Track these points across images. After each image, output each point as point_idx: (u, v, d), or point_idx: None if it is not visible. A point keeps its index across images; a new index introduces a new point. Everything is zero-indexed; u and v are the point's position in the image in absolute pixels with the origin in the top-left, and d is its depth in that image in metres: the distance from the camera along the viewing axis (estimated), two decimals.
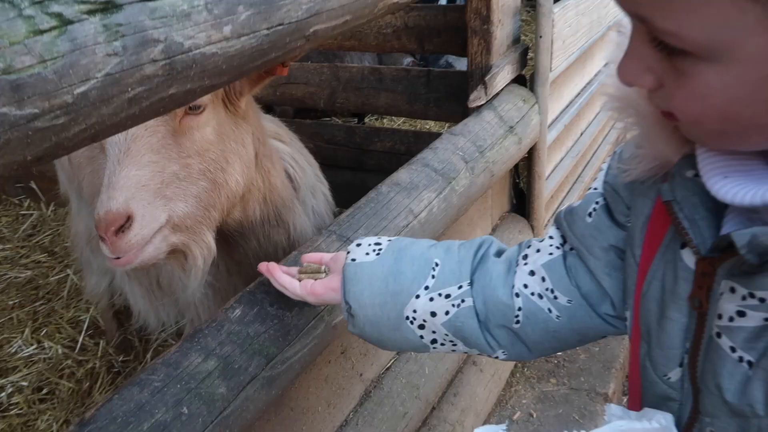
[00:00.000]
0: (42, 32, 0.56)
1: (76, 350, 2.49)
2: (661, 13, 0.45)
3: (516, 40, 1.98)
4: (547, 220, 2.38)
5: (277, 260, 1.43)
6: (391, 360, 1.54)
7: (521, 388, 2.15)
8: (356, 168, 2.65)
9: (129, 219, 0.94)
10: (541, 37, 1.86)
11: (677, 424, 0.62)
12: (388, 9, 1.13)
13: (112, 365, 2.43)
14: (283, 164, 1.37)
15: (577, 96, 2.51)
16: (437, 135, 2.22)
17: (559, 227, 0.83)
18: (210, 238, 1.11)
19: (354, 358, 1.39)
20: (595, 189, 0.78)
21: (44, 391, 2.34)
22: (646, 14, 0.46)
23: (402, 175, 1.40)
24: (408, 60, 3.99)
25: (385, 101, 2.40)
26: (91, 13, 0.60)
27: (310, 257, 0.97)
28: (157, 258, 1.03)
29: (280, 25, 0.84)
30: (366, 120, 4.12)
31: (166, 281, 1.71)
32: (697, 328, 0.58)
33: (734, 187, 0.51)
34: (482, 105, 1.77)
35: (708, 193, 0.54)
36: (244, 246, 1.29)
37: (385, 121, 4.19)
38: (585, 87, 2.61)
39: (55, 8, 0.58)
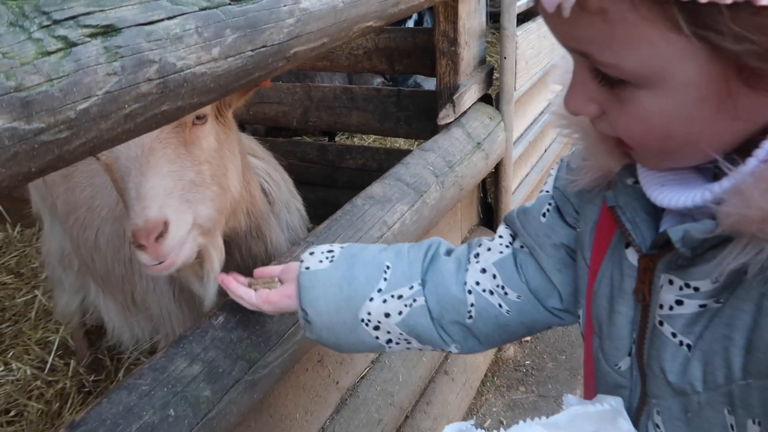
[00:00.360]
0: (49, 53, 0.61)
1: (46, 371, 2.46)
2: (600, 48, 0.50)
3: (482, 61, 2.08)
4: None
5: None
6: (366, 368, 1.58)
7: (491, 397, 2.21)
8: (329, 185, 2.70)
9: (165, 225, 0.99)
10: (505, 58, 1.96)
11: (628, 410, 0.68)
12: (362, 32, 1.20)
13: (83, 385, 2.40)
14: (258, 179, 1.42)
15: (540, 114, 2.62)
16: (407, 152, 2.30)
17: (509, 226, 0.89)
18: (221, 242, 1.16)
19: (330, 366, 1.44)
20: (547, 192, 0.85)
21: (12, 413, 2.31)
22: (586, 50, 0.52)
23: (376, 188, 1.46)
24: (378, 80, 4.08)
25: (356, 120, 2.47)
26: (93, 36, 0.65)
27: (261, 272, 1.01)
28: (191, 259, 1.07)
29: (263, 47, 0.90)
30: (336, 138, 4.19)
31: (141, 297, 1.73)
32: (642, 319, 0.64)
33: (669, 193, 0.58)
34: (451, 122, 1.85)
35: (647, 198, 0.61)
36: (227, 259, 1.33)
37: (355, 139, 4.27)
38: (548, 105, 2.73)
39: (61, 32, 0.63)
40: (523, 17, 2.12)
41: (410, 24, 3.73)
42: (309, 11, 0.98)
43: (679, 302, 0.59)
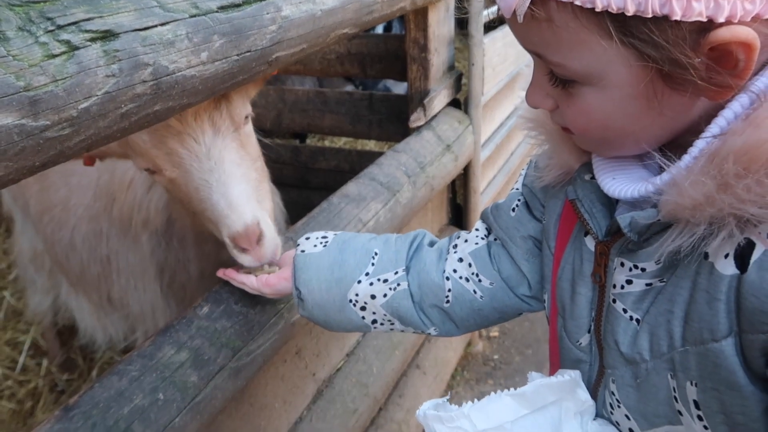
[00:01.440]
0: (54, 56, 0.66)
1: (17, 371, 2.45)
2: (549, 50, 0.59)
3: (451, 67, 2.16)
4: None
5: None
6: (341, 361, 1.64)
7: (461, 390, 2.29)
8: (302, 186, 2.75)
9: (259, 227, 1.04)
10: (473, 64, 2.04)
11: (588, 381, 0.76)
12: (339, 38, 1.27)
13: (56, 384, 2.40)
14: None
15: (507, 118, 2.72)
16: (379, 154, 2.37)
17: (485, 221, 0.97)
18: None
19: (308, 358, 1.49)
20: (517, 189, 0.93)
21: None
22: (539, 51, 0.61)
23: (351, 188, 1.52)
24: (349, 87, 4.15)
25: (329, 122, 2.52)
26: (93, 40, 0.70)
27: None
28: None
29: (248, 51, 0.95)
30: (308, 141, 4.23)
31: (118, 296, 1.75)
32: (599, 298, 0.72)
33: (619, 185, 0.66)
34: (422, 125, 1.92)
35: (602, 191, 0.69)
36: (214, 247, 1.37)
37: (327, 141, 4.32)
38: (514, 110, 2.83)
39: (65, 36, 0.67)
40: (490, 26, 2.21)
41: (379, 30, 3.81)
42: (290, 18, 1.04)
43: (629, 282, 0.67)
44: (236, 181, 1.04)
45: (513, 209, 0.91)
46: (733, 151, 0.53)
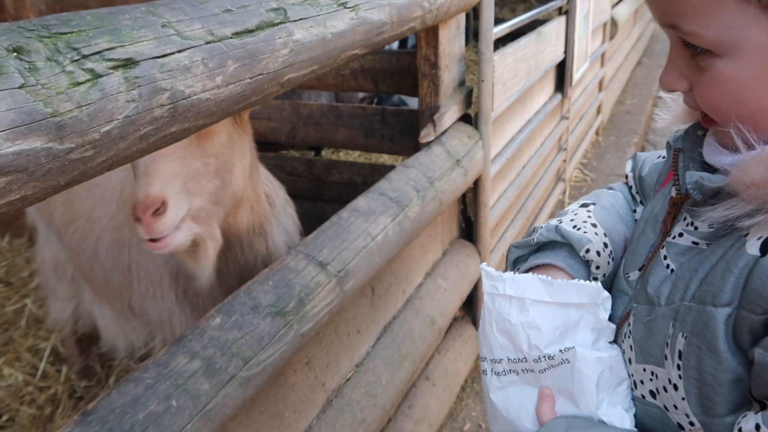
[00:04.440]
0: (79, 84, 0.71)
1: (37, 377, 2.51)
2: (684, 18, 0.59)
3: (462, 83, 2.20)
4: (493, 246, 2.58)
5: (256, 268, 1.57)
6: (351, 371, 1.68)
7: (471, 402, 2.31)
8: (315, 198, 2.80)
9: (163, 204, 1.06)
10: (483, 81, 2.08)
11: (622, 312, 0.80)
12: (349, 59, 1.32)
13: (74, 391, 2.47)
14: (262, 183, 1.52)
15: (518, 132, 2.75)
16: (391, 167, 2.41)
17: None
18: (218, 232, 1.25)
19: (318, 368, 1.53)
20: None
21: (5, 418, 2.36)
22: (674, 21, 0.61)
23: (360, 202, 1.57)
24: (361, 94, 4.22)
25: (342, 136, 2.58)
26: (115, 68, 0.75)
27: None
28: (185, 245, 1.16)
29: (260, 75, 1.00)
30: (323, 153, 4.29)
31: (139, 303, 1.81)
32: (658, 243, 0.76)
33: (713, 150, 0.69)
34: (432, 141, 1.96)
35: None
36: (227, 253, 1.41)
37: (341, 154, 4.38)
38: (525, 125, 2.86)
39: (89, 65, 0.73)
40: (505, 39, 2.25)
41: (395, 45, 3.88)
42: (301, 42, 1.09)
43: (680, 234, 0.72)
44: (166, 157, 1.07)
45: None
46: None
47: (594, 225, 0.89)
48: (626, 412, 0.76)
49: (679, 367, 0.66)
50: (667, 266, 0.72)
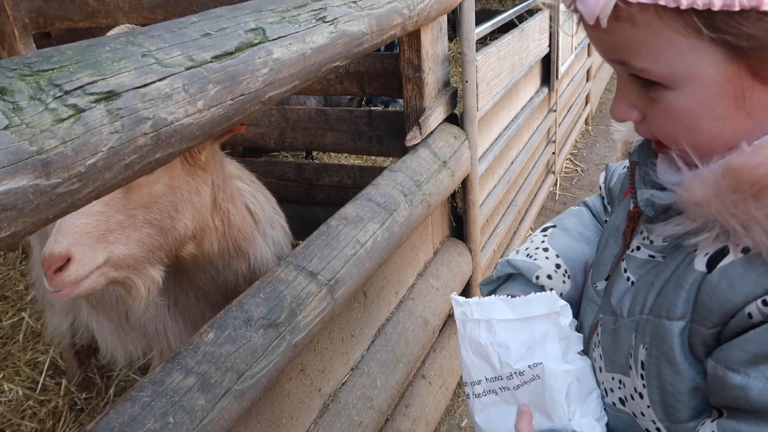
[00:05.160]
0: (63, 120, 0.73)
1: (37, 391, 2.54)
2: (633, 54, 0.59)
3: (446, 83, 2.22)
4: (484, 243, 2.61)
5: (239, 285, 1.59)
6: (346, 375, 1.70)
7: None
8: (306, 202, 2.82)
9: (68, 260, 1.11)
10: (467, 81, 2.10)
11: (593, 321, 0.84)
12: (330, 71, 1.33)
13: (75, 403, 2.49)
14: (245, 201, 1.54)
15: (505, 129, 2.77)
16: (381, 169, 2.43)
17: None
18: (154, 273, 1.28)
19: (312, 375, 1.56)
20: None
21: (6, 429, 2.39)
22: (623, 58, 0.61)
23: (349, 209, 1.59)
24: (348, 96, 4.23)
25: (331, 139, 2.59)
26: (97, 101, 0.77)
27: None
28: (94, 289, 1.21)
29: (241, 95, 1.02)
30: (315, 154, 4.31)
31: (135, 316, 1.83)
32: (619, 255, 0.80)
33: (664, 168, 0.70)
34: (418, 143, 1.99)
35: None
36: (201, 275, 1.45)
37: (332, 155, 4.39)
38: (512, 120, 2.88)
39: (71, 101, 0.75)
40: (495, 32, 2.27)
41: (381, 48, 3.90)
42: (281, 60, 1.11)
43: (638, 248, 0.75)
44: (82, 213, 1.10)
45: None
46: (731, 166, 0.58)
47: (546, 249, 0.97)
48: (597, 422, 0.79)
49: (642, 377, 0.69)
50: (628, 278, 0.75)
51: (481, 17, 2.38)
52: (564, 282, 0.93)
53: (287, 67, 1.13)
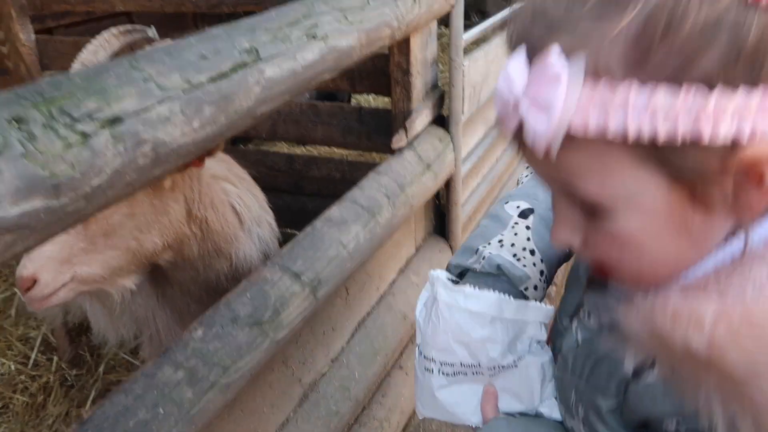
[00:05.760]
0: (72, 146, 0.80)
1: (29, 366, 2.62)
2: (579, 180, 0.58)
3: (435, 86, 2.29)
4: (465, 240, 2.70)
5: (220, 282, 1.68)
6: (326, 366, 1.80)
7: None
8: (296, 192, 2.90)
9: (35, 282, 1.29)
10: (453, 86, 2.18)
11: (571, 345, 0.85)
12: (319, 83, 1.41)
13: (66, 379, 2.58)
14: (231, 202, 1.62)
15: (491, 129, 2.85)
16: (368, 164, 2.51)
17: None
18: (125, 282, 1.42)
19: (294, 366, 1.65)
20: None
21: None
22: (568, 182, 0.59)
23: (334, 211, 1.67)
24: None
25: (321, 133, 2.66)
26: (103, 127, 0.85)
27: None
28: (66, 300, 1.37)
29: (234, 113, 1.10)
30: (303, 149, 4.37)
31: (127, 300, 1.92)
32: (576, 309, 0.85)
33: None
34: (404, 146, 2.07)
35: None
36: (181, 275, 1.54)
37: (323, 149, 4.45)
38: (497, 121, 2.96)
39: (80, 127, 0.82)
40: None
41: None
42: (273, 79, 1.18)
43: (588, 313, 0.81)
44: (47, 245, 1.26)
45: None
46: (654, 331, 0.56)
47: (533, 252, 0.97)
48: (555, 402, 0.89)
49: (583, 424, 0.77)
50: (575, 338, 0.81)
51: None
52: (544, 289, 0.96)
53: (278, 84, 1.20)
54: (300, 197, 2.89)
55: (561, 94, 0.53)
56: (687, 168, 0.54)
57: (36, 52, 2.89)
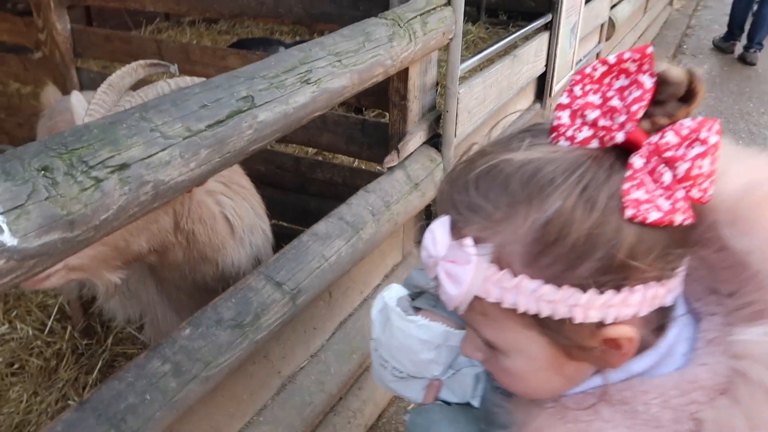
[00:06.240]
0: (86, 189, 1.00)
1: (45, 332, 2.88)
2: (482, 328, 0.75)
3: (432, 107, 2.46)
4: None
5: (207, 284, 1.88)
6: (305, 361, 2.01)
7: None
8: (301, 192, 3.09)
9: None
10: (447, 112, 2.34)
11: None
12: (313, 119, 1.59)
13: (77, 347, 2.83)
14: (224, 213, 1.83)
15: None
16: (368, 171, 2.69)
17: None
18: (111, 276, 1.58)
19: (275, 359, 1.86)
20: None
21: (15, 366, 2.73)
22: (474, 326, 0.77)
23: (320, 226, 1.87)
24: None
25: (326, 140, 2.84)
26: (113, 172, 1.05)
27: None
28: (57, 285, 1.50)
29: (227, 153, 1.29)
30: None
31: (134, 287, 2.14)
32: None
33: None
34: (395, 165, 2.25)
35: None
36: (170, 274, 1.74)
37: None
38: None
39: (94, 174, 1.02)
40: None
41: None
42: (265, 122, 1.37)
43: None
44: None
45: None
46: None
47: None
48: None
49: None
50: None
51: None
52: None
53: (270, 126, 1.39)
54: (304, 197, 3.09)
55: (469, 273, 0.68)
56: (563, 336, 0.70)
57: (71, 41, 3.11)
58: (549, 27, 3.44)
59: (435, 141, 2.49)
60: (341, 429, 2.18)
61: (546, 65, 3.50)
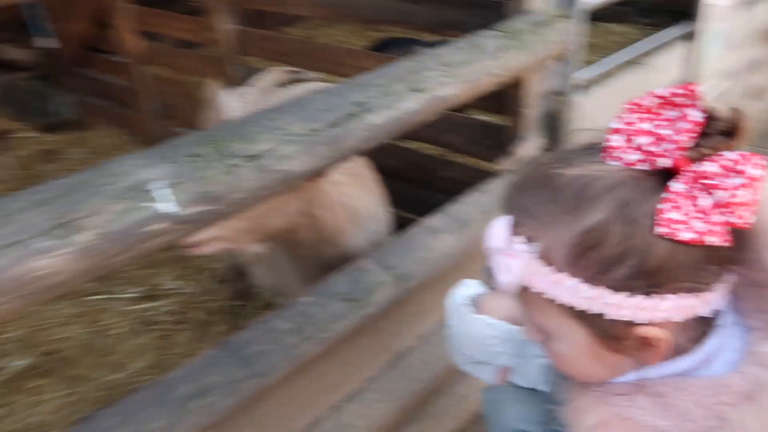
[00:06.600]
0: (226, 173, 1.29)
1: (208, 291, 3.34)
2: (532, 313, 0.85)
3: (548, 114, 2.53)
4: None
5: (328, 260, 2.13)
6: (414, 341, 2.21)
7: None
8: (427, 187, 3.26)
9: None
10: (561, 119, 2.41)
11: None
12: (427, 121, 1.79)
13: (233, 306, 3.24)
14: (347, 202, 2.08)
15: None
16: (491, 173, 2.80)
17: None
18: (254, 247, 1.91)
19: (384, 335, 2.08)
20: None
21: (184, 315, 3.21)
22: (527, 311, 0.86)
23: (432, 220, 2.05)
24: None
25: (448, 140, 2.98)
26: (245, 161, 1.33)
27: None
28: (214, 252, 1.79)
29: (342, 150, 1.52)
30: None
31: (275, 261, 2.49)
32: None
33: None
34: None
35: None
36: (297, 252, 2.03)
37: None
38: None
39: (232, 161, 1.31)
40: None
41: None
42: (375, 125, 1.58)
43: None
44: None
45: None
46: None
47: None
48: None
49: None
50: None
51: None
52: None
53: (380, 129, 1.61)
54: (430, 192, 3.26)
55: (519, 266, 0.79)
56: (598, 328, 0.79)
57: (235, 39, 3.54)
58: (691, 36, 3.29)
59: (552, 147, 2.56)
60: (449, 410, 2.35)
61: (687, 75, 3.36)
